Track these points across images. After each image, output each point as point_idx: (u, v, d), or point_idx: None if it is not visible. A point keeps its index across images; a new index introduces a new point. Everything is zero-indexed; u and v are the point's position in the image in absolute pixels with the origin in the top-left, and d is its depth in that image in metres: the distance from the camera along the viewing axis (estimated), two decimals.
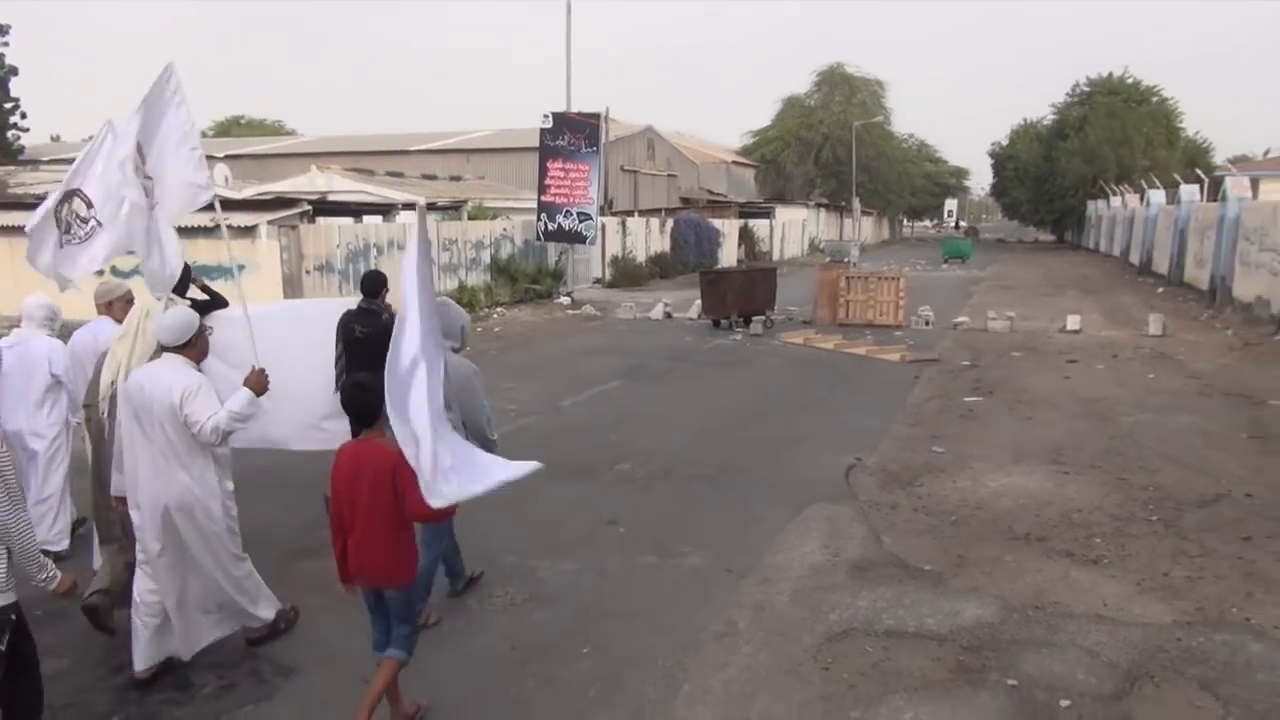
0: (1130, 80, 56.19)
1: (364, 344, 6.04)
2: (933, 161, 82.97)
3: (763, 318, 18.26)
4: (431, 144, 42.52)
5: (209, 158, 6.03)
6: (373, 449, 3.98)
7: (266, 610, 4.93)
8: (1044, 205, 60.50)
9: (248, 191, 23.16)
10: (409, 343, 3.78)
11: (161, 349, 4.58)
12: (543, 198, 23.17)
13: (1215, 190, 25.36)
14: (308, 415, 6.09)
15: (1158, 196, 32.34)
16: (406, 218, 21.12)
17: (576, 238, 23.38)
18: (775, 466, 8.42)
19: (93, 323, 6.00)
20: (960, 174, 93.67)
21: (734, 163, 60.32)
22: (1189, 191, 27.35)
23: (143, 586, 4.55)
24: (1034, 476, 7.94)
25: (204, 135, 67.20)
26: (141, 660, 4.51)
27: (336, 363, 6.29)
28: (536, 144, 23.47)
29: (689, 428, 9.91)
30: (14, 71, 39.41)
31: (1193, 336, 16.79)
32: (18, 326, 6.32)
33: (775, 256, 42.85)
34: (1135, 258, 35.02)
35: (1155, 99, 55.39)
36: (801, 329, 18.16)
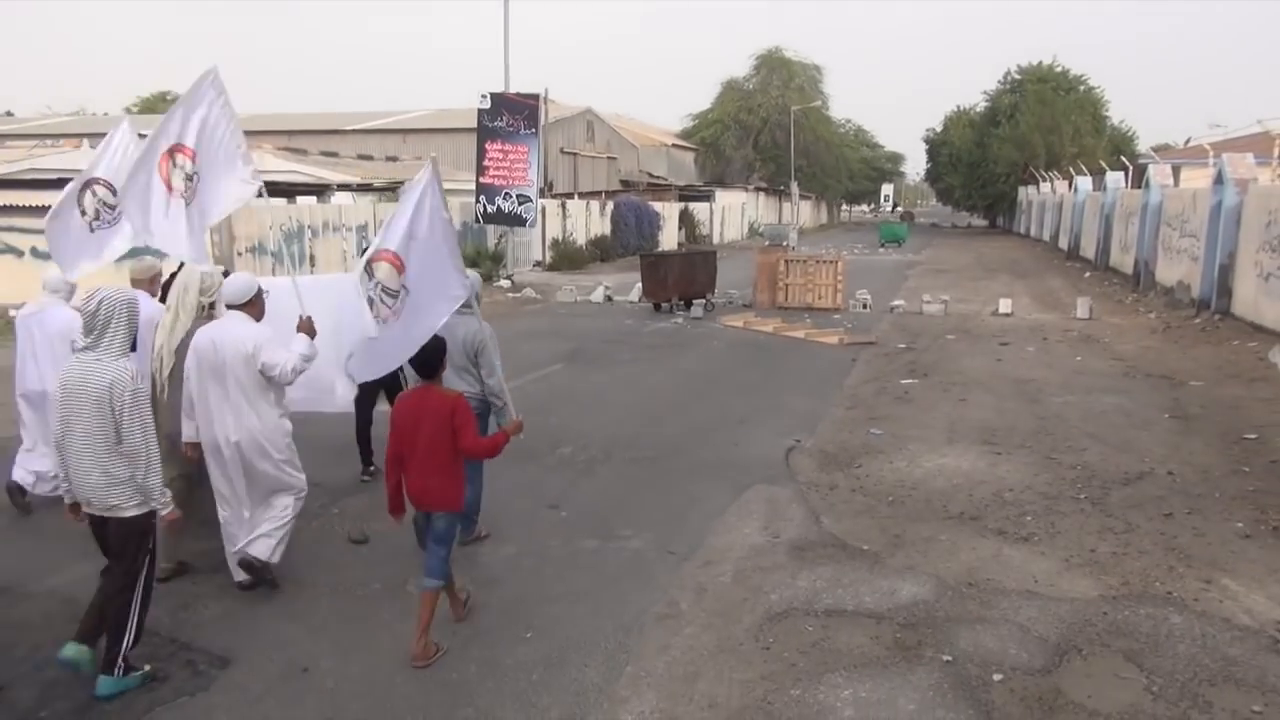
0: (1059, 69, 57.57)
1: None
2: (869, 146, 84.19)
3: (703, 301, 18.34)
4: (367, 124, 41.75)
5: (140, 135, 6.34)
6: (434, 394, 4.72)
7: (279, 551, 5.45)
8: (977, 191, 61.73)
9: None
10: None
11: (227, 307, 5.35)
12: (481, 179, 22.91)
13: (1139, 178, 26.11)
14: (320, 380, 6.24)
15: (1085, 183, 33.21)
16: (341, 199, 20.71)
17: (516, 220, 23.18)
18: (716, 449, 8.47)
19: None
20: (896, 159, 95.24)
21: (674, 146, 60.33)
22: (1114, 179, 28.14)
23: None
24: (967, 457, 8.12)
25: (128, 111, 65.36)
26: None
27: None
28: (475, 125, 23.17)
29: (630, 411, 9.92)
30: None
31: (1118, 320, 17.32)
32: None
33: (715, 240, 43.04)
34: (1064, 243, 35.96)
35: (1083, 87, 56.85)
36: (741, 312, 18.29)
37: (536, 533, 6.36)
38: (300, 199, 19.88)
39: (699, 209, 42.62)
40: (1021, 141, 52.83)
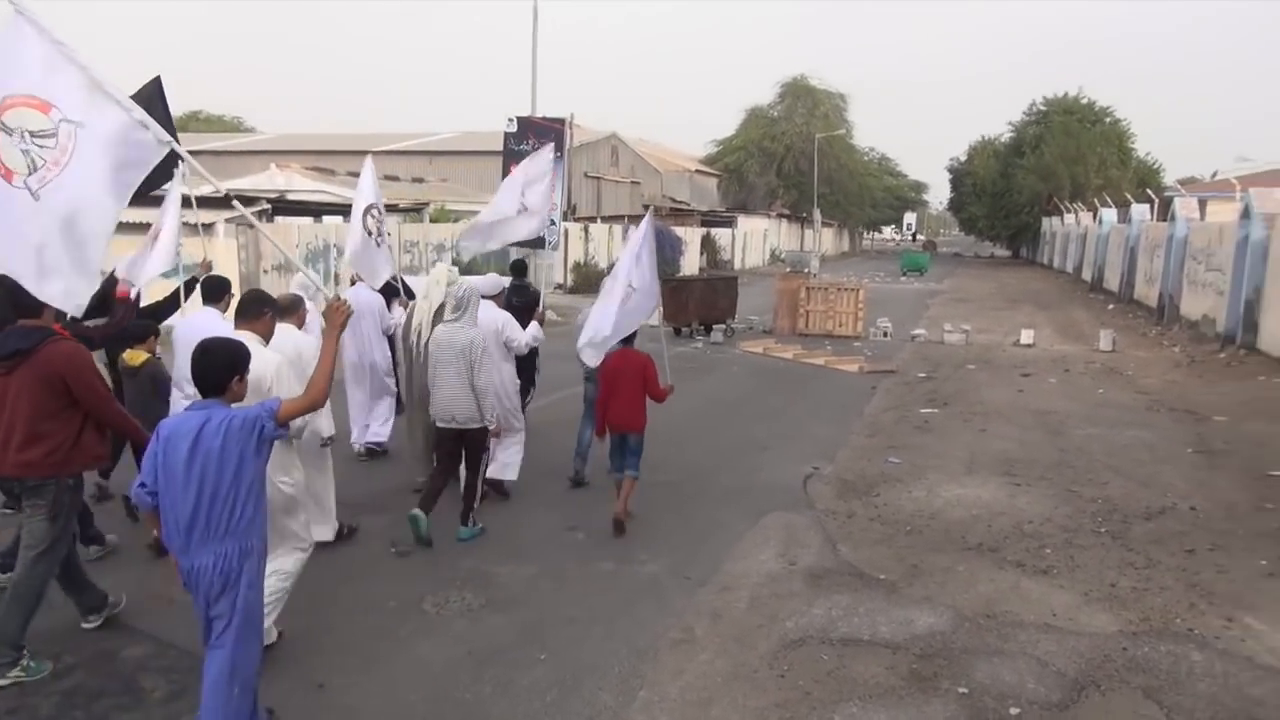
0: (1085, 100, 57.49)
1: (519, 311, 8.25)
2: (893, 175, 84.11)
3: (723, 326, 18.38)
4: (394, 145, 42.20)
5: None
6: (632, 354, 7.03)
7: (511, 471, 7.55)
8: (1000, 221, 61.62)
9: (205, 188, 22.81)
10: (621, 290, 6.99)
11: (481, 298, 6.82)
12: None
13: (1165, 210, 25.98)
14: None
15: (1110, 215, 33.09)
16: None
17: (538, 243, 23.23)
18: (734, 474, 8.47)
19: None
20: (919, 188, 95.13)
21: (697, 171, 60.60)
22: (1140, 211, 28.00)
23: None
24: (987, 488, 8.07)
25: None
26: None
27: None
28: (500, 147, 23.37)
29: (651, 433, 9.83)
30: None
31: (1141, 353, 17.18)
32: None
33: (737, 265, 43.10)
34: (1087, 274, 35.77)
35: (1109, 119, 56.70)
36: (761, 338, 18.30)
37: (555, 554, 6.37)
38: (326, 218, 20.12)
39: (721, 234, 42.71)
40: (1046, 172, 52.73)
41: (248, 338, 4.60)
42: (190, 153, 4.84)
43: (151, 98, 5.99)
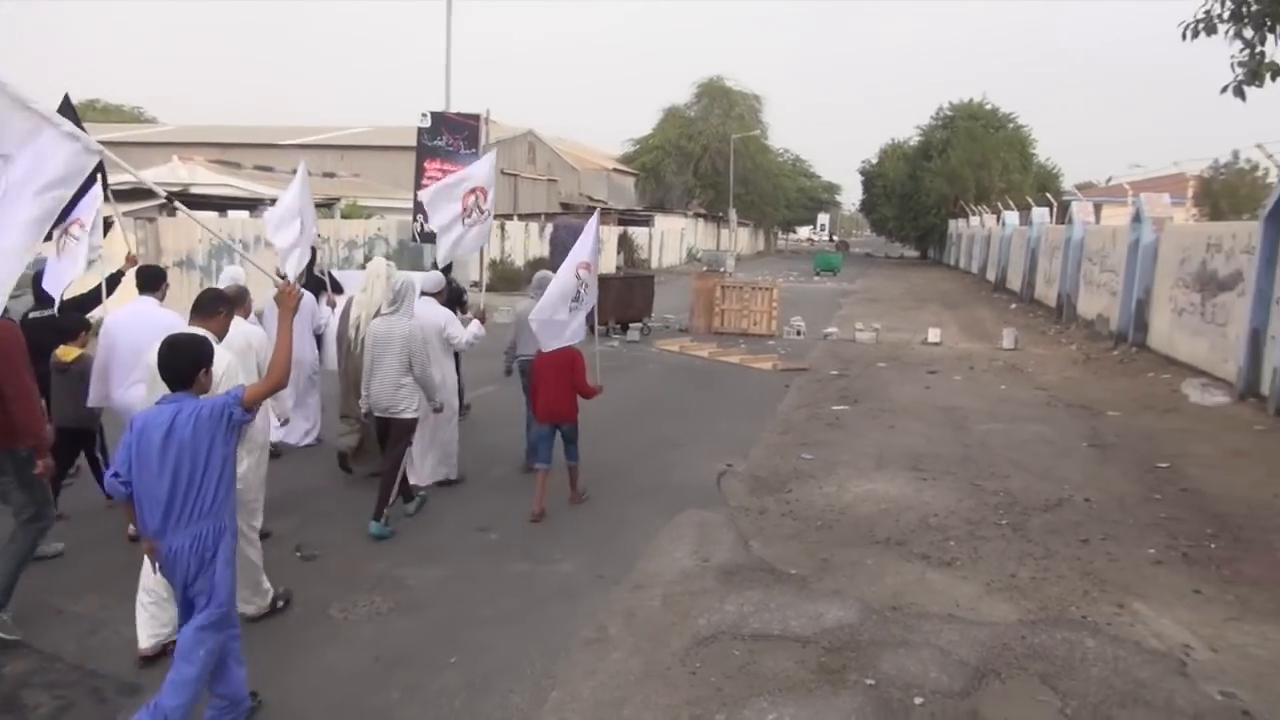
0: (989, 106, 59.40)
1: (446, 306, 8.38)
2: (807, 176, 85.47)
3: (640, 325, 18.41)
4: (304, 139, 41.09)
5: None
6: (564, 352, 7.20)
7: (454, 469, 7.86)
8: (909, 222, 63.24)
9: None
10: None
11: (422, 293, 7.33)
12: (419, 198, 22.71)
13: (1063, 214, 27.02)
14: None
15: (1012, 218, 34.25)
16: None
17: None
18: (649, 472, 8.48)
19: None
20: (833, 189, 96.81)
21: (615, 170, 60.57)
22: (1040, 214, 29.07)
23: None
24: (895, 483, 8.26)
25: None
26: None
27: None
28: (414, 143, 23.02)
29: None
30: None
31: (1041, 350, 17.84)
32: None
33: (654, 264, 43.24)
34: (991, 275, 36.97)
35: (1011, 125, 58.72)
36: (677, 336, 18.40)
37: (467, 555, 6.28)
38: (232, 213, 19.47)
39: (638, 233, 42.80)
40: (952, 175, 54.35)
41: (203, 335, 4.57)
42: None
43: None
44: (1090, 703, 4.47)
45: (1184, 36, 8.63)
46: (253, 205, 20.38)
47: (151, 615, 4.68)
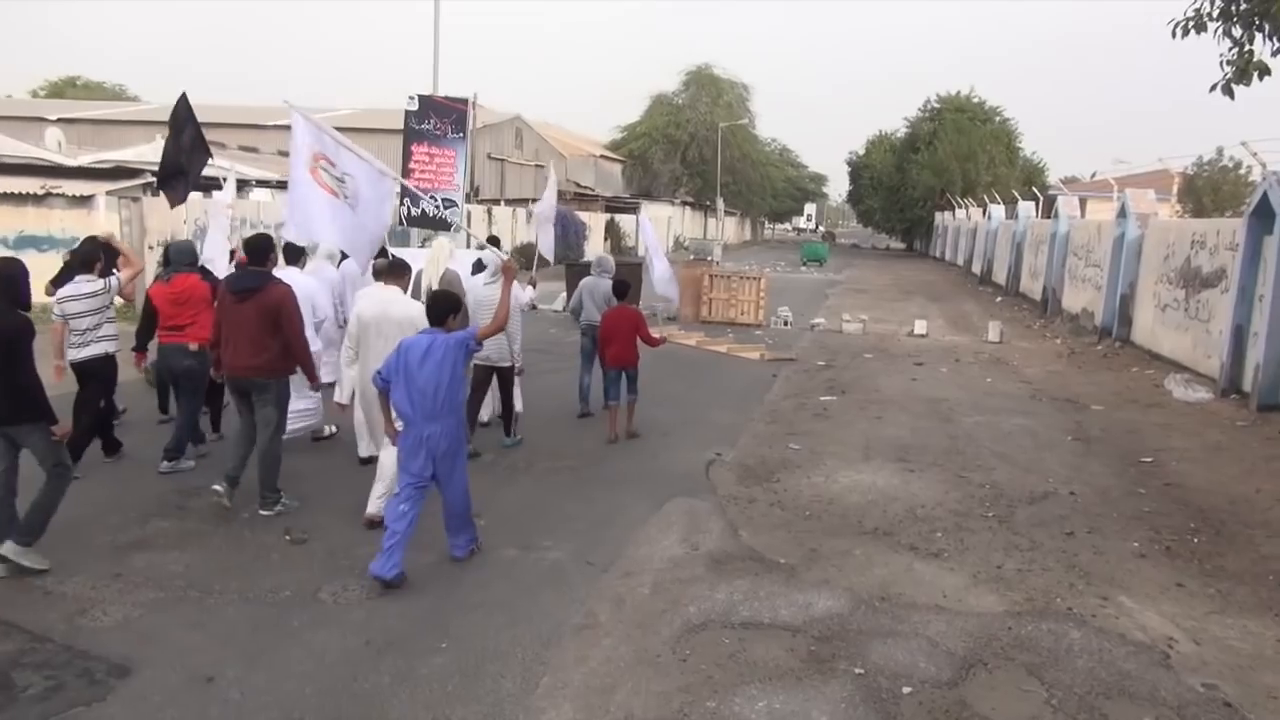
0: (976, 100, 59.54)
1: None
2: (794, 166, 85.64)
3: None
4: (289, 120, 40.72)
5: (39, 120, 6.85)
6: (627, 309, 9.40)
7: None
8: (895, 214, 63.41)
9: (84, 159, 21.60)
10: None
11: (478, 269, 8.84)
12: (406, 182, 22.56)
13: (1049, 208, 27.17)
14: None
15: (998, 211, 34.39)
16: (260, 195, 20.17)
17: (441, 224, 22.79)
18: (638, 460, 8.50)
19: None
20: (819, 180, 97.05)
21: (602, 157, 60.43)
22: (1026, 208, 29.19)
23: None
24: (882, 473, 8.31)
25: (34, 95, 62.62)
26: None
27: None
28: (401, 126, 22.81)
29: (552, 420, 9.88)
30: None
31: (1026, 344, 17.95)
32: None
33: (640, 252, 43.19)
34: (977, 268, 37.13)
35: (998, 119, 58.92)
36: (664, 325, 18.40)
37: None
38: (216, 194, 19.26)
39: (625, 221, 42.74)
40: (939, 168, 54.48)
41: (395, 290, 6.78)
42: (68, 120, 4.59)
43: (184, 116, 9.12)
44: (1076, 694, 4.52)
45: (1174, 35, 8.70)
46: (239, 185, 20.16)
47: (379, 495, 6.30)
